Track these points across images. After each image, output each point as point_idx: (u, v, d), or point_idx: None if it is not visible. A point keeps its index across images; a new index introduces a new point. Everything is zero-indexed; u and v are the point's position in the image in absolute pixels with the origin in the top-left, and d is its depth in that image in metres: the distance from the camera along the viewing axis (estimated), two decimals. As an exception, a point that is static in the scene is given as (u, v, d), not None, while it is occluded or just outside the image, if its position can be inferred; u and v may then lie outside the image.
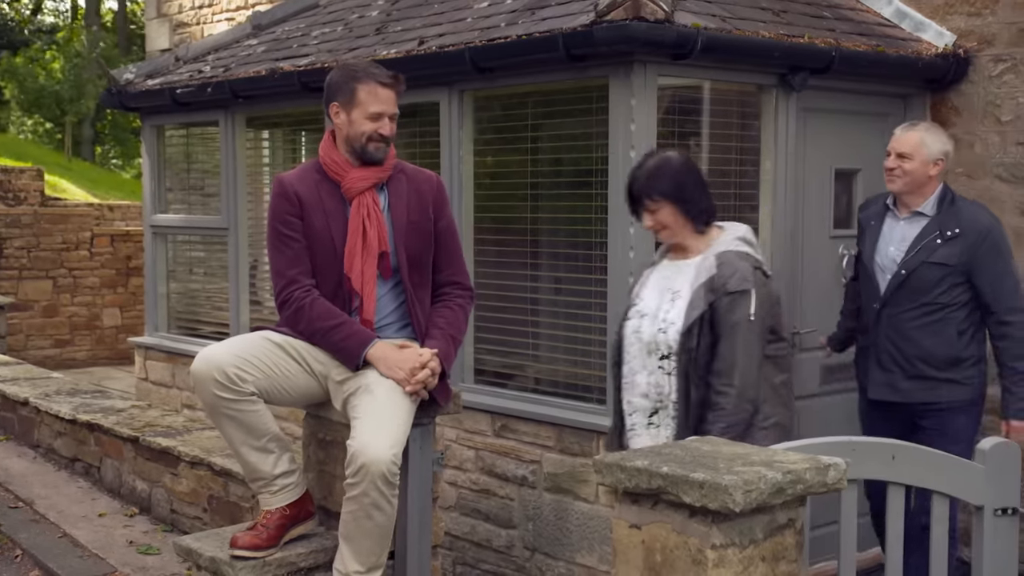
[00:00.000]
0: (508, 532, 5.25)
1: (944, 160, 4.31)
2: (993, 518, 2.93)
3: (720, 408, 3.29)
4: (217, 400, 3.39)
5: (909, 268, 4.26)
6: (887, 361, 4.36)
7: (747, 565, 2.34)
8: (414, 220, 3.58)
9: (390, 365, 3.41)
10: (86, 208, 12.57)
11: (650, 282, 3.60)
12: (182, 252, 8.03)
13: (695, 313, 3.33)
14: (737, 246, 3.44)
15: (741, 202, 5.20)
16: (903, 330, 4.31)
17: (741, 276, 3.33)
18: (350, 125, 3.50)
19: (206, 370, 3.38)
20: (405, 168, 3.67)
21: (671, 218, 3.48)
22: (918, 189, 4.30)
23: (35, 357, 11.10)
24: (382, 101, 3.49)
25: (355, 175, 3.52)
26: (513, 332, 5.37)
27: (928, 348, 4.27)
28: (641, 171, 3.56)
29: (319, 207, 3.53)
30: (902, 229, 4.35)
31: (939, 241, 4.23)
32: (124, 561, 5.09)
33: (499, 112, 5.63)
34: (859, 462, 2.69)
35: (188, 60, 7.72)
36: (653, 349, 3.44)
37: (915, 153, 4.26)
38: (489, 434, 5.30)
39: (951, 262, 4.20)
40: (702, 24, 4.60)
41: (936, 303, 4.24)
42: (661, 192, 3.47)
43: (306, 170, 3.63)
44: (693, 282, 3.39)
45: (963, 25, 5.58)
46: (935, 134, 4.35)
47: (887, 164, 4.35)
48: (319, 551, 3.64)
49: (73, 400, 6.98)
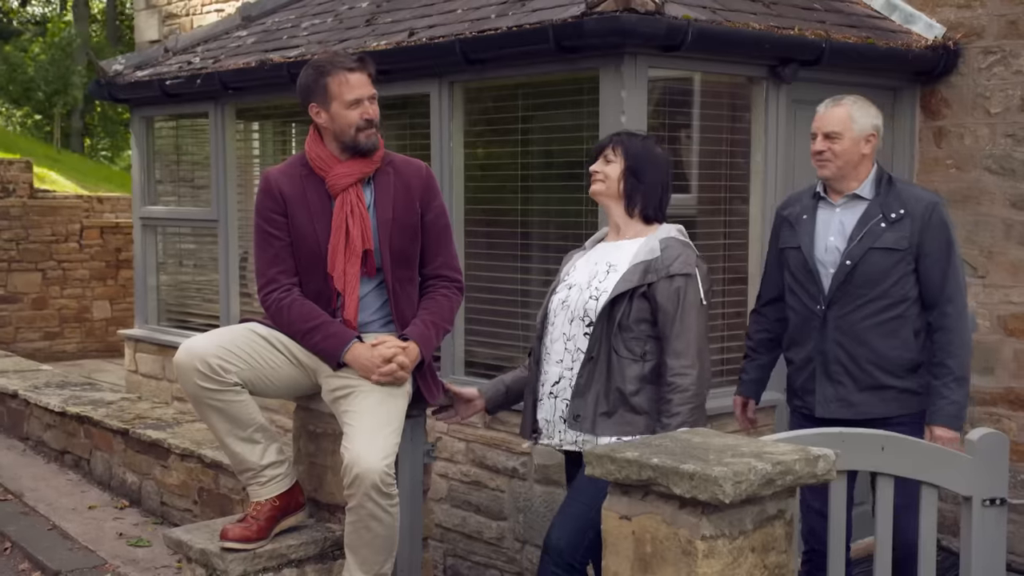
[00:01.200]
0: (499, 524, 5.26)
1: (876, 135, 3.80)
2: (981, 508, 2.94)
3: (683, 389, 3.31)
4: (200, 391, 3.39)
5: (855, 257, 3.71)
6: (837, 372, 3.76)
7: (737, 556, 2.34)
8: (400, 216, 3.54)
9: (364, 366, 3.42)
10: (75, 200, 12.51)
11: (581, 262, 3.61)
12: (172, 244, 8.01)
13: (627, 285, 3.36)
14: (678, 235, 3.50)
15: (732, 194, 5.21)
16: (854, 332, 3.74)
17: (685, 260, 3.38)
18: (334, 120, 3.46)
19: (188, 361, 3.38)
20: (394, 160, 3.63)
21: (615, 175, 3.51)
22: (852, 171, 3.78)
23: (24, 350, 11.07)
24: (355, 86, 3.44)
25: (340, 170, 3.48)
26: (503, 324, 5.37)
27: (884, 352, 3.73)
28: (632, 132, 3.65)
29: (303, 204, 3.50)
30: (840, 217, 3.81)
31: (883, 224, 3.71)
32: (114, 553, 5.08)
33: (489, 104, 5.63)
34: (848, 453, 2.69)
35: (177, 51, 7.70)
36: (580, 316, 3.44)
37: (844, 131, 3.75)
38: (480, 426, 5.31)
39: (900, 246, 3.69)
40: (692, 16, 4.60)
41: (888, 297, 3.71)
42: (627, 149, 3.51)
43: (292, 165, 3.59)
44: (633, 258, 3.42)
45: (953, 17, 5.59)
46: (863, 107, 3.81)
47: (814, 147, 3.81)
48: (309, 543, 3.64)
49: (63, 392, 6.97)
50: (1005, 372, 5.54)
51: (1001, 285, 5.50)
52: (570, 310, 3.49)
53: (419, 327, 3.55)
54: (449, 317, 3.67)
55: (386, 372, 3.41)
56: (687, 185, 5.24)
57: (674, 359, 3.34)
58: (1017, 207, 5.41)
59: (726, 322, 5.15)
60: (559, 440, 3.49)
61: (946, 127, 5.59)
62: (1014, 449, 4.97)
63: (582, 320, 3.44)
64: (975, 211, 5.55)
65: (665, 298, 3.34)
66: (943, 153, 5.64)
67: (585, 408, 3.39)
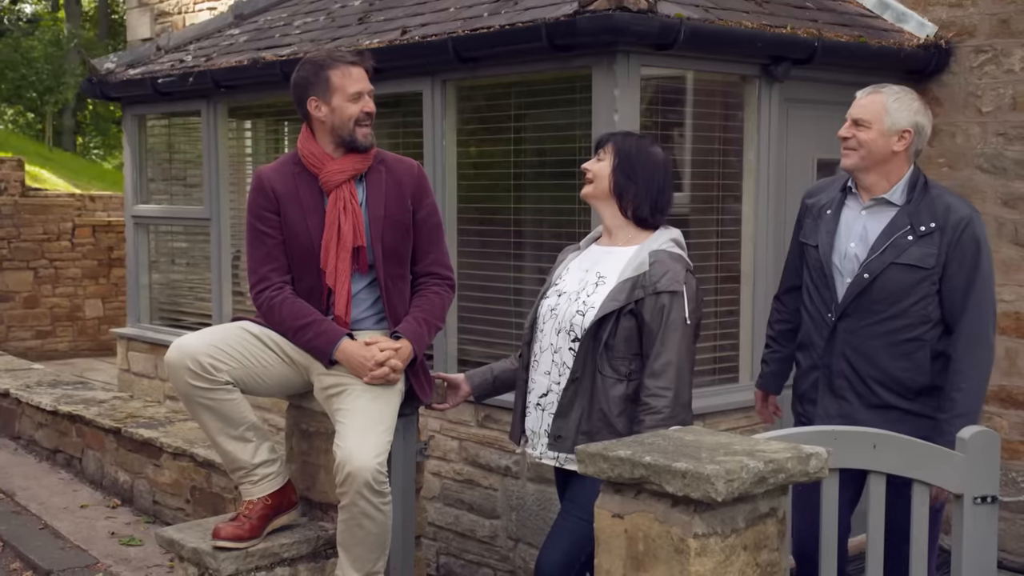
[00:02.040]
0: (492, 522, 5.25)
1: (913, 133, 3.40)
2: (973, 506, 2.95)
3: (656, 411, 3.20)
4: (191, 389, 3.40)
5: (873, 271, 3.39)
6: (841, 386, 3.49)
7: (729, 554, 2.35)
8: (391, 214, 3.55)
9: (355, 365, 3.42)
10: (67, 198, 12.48)
11: (572, 265, 3.53)
12: (164, 243, 7.99)
13: (614, 304, 3.27)
14: (670, 247, 3.37)
15: (724, 192, 5.21)
16: (864, 349, 3.44)
17: (673, 276, 3.26)
18: (334, 113, 3.47)
19: (179, 359, 3.39)
20: (385, 158, 3.64)
21: (604, 173, 3.41)
22: (877, 167, 3.42)
23: (16, 348, 11.04)
24: (357, 80, 3.47)
25: (333, 167, 3.49)
26: (496, 322, 5.37)
27: (894, 374, 3.42)
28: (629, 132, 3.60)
29: (296, 201, 3.50)
30: (864, 221, 3.48)
31: (911, 238, 3.37)
32: (106, 552, 5.08)
33: (482, 102, 5.62)
34: (841, 451, 2.70)
35: (170, 49, 7.68)
36: (567, 328, 3.37)
37: (874, 120, 3.39)
38: (473, 424, 5.30)
39: (926, 264, 3.35)
40: (685, 14, 4.60)
41: (907, 317, 3.38)
42: (618, 147, 3.42)
43: (284, 163, 3.60)
44: (621, 273, 3.32)
45: (944, 16, 5.60)
46: (903, 100, 3.42)
47: (840, 132, 3.49)
48: (302, 542, 3.64)
49: (55, 391, 6.95)
50: (997, 370, 5.52)
51: (993, 283, 5.51)
52: (558, 320, 3.41)
53: (412, 324, 3.56)
54: (441, 314, 3.68)
55: (378, 376, 3.41)
56: (680, 184, 5.24)
57: (651, 379, 3.24)
58: (1008, 206, 5.43)
59: (719, 320, 5.15)
60: (540, 452, 3.45)
61: (938, 126, 5.59)
62: (1005, 447, 4.98)
63: (568, 334, 3.37)
64: (967, 210, 5.56)
65: (650, 316, 3.24)
66: (935, 152, 5.65)
67: (567, 429, 3.34)
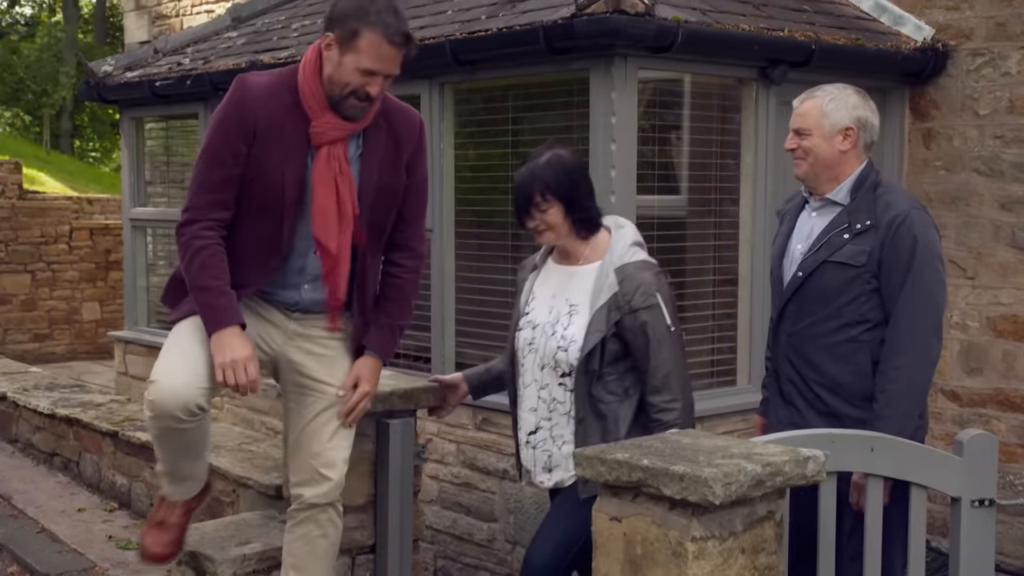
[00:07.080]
0: (490, 525, 5.25)
1: (856, 129, 3.29)
2: (970, 510, 2.95)
3: (670, 425, 3.14)
4: (173, 427, 3.05)
5: (807, 269, 3.31)
6: (790, 392, 3.41)
7: (727, 557, 2.35)
8: (385, 180, 3.12)
9: (216, 361, 3.00)
10: (65, 201, 12.46)
11: (537, 290, 3.39)
12: (162, 245, 7.99)
13: (596, 336, 3.18)
14: (633, 255, 3.25)
15: (722, 195, 5.22)
16: (803, 352, 3.35)
17: (645, 290, 3.17)
18: (337, 68, 2.96)
19: (170, 405, 2.99)
20: (387, 109, 3.15)
21: (559, 219, 3.24)
22: (827, 171, 3.31)
23: (13, 351, 11.02)
24: (383, 59, 2.95)
25: (329, 121, 3.01)
26: (494, 325, 5.37)
27: (836, 378, 3.29)
28: (535, 167, 3.25)
29: (279, 140, 3.00)
30: (812, 222, 3.39)
31: (847, 236, 3.25)
32: (103, 556, 5.07)
33: (480, 105, 5.63)
34: (838, 454, 2.70)
35: (167, 52, 7.68)
36: (552, 365, 3.26)
37: (813, 126, 3.29)
38: (470, 428, 5.30)
39: (857, 262, 3.22)
40: (682, 17, 4.61)
41: (841, 317, 3.27)
42: (554, 191, 3.21)
43: (278, 87, 3.05)
44: (593, 300, 3.21)
45: (941, 19, 5.61)
46: (840, 99, 3.31)
47: (786, 145, 3.40)
48: (300, 545, 3.62)
49: (52, 395, 6.94)
50: (994, 373, 5.56)
51: (990, 286, 5.52)
52: (539, 355, 3.29)
53: (382, 336, 3.24)
54: (410, 310, 3.33)
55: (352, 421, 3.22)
56: (678, 187, 5.25)
57: (655, 395, 3.20)
58: (1006, 208, 5.44)
59: (716, 323, 5.16)
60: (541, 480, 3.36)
61: (935, 128, 5.61)
62: (1003, 450, 4.99)
63: (555, 370, 3.26)
64: (964, 212, 5.57)
65: (633, 335, 3.18)
66: (932, 155, 5.66)
67: None
